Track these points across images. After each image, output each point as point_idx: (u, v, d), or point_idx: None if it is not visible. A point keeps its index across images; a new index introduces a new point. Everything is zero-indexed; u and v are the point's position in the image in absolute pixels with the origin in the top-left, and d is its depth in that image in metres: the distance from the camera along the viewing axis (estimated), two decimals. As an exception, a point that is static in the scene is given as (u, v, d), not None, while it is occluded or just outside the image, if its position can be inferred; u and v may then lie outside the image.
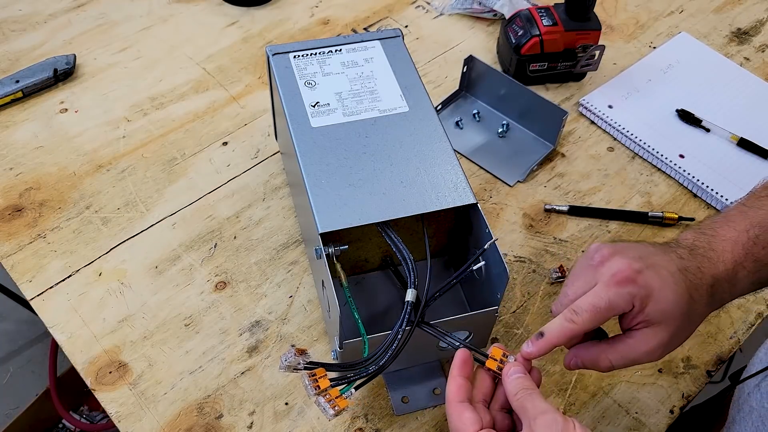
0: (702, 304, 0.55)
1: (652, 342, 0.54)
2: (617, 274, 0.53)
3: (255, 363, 0.71)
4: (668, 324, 0.53)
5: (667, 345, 0.54)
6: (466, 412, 0.51)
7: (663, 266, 0.54)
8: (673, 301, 0.53)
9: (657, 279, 0.53)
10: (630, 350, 0.54)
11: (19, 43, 1.00)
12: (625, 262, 0.53)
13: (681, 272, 0.54)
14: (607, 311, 0.53)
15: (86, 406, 1.43)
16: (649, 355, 0.54)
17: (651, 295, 0.53)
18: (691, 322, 0.55)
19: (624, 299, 0.53)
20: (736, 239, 0.56)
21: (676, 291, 0.53)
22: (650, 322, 0.53)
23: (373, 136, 0.69)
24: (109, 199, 0.83)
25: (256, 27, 1.04)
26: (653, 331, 0.53)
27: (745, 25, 1.09)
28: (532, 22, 0.93)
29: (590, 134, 0.93)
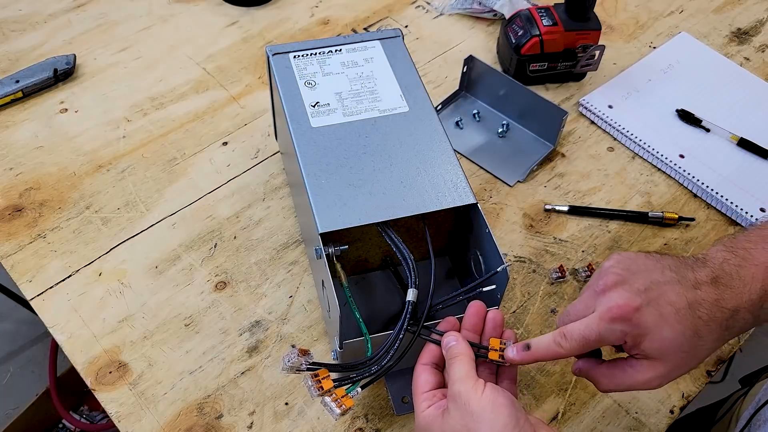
0: (710, 340, 0.52)
1: (648, 374, 0.53)
2: (612, 309, 0.52)
3: (255, 363, 0.71)
4: (666, 360, 0.52)
5: (666, 377, 0.53)
6: (423, 374, 0.56)
7: (669, 302, 0.52)
8: (671, 339, 0.51)
9: (656, 317, 0.51)
10: (627, 378, 0.54)
11: (19, 43, 1.00)
12: (625, 296, 0.52)
13: (690, 308, 0.51)
14: (597, 343, 0.53)
15: (86, 406, 1.43)
16: (646, 384, 0.53)
17: (646, 334, 0.51)
18: (693, 357, 0.53)
19: (615, 335, 0.52)
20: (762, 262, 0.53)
21: (677, 330, 0.51)
22: (646, 356, 0.53)
23: (373, 136, 0.69)
24: (109, 199, 0.83)
25: (256, 27, 1.04)
26: (651, 364, 0.53)
27: (745, 25, 1.09)
28: (532, 22, 0.93)
29: (590, 134, 0.93)
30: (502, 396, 0.51)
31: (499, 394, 0.51)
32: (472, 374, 0.53)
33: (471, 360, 0.54)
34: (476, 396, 0.51)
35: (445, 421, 0.52)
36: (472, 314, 0.59)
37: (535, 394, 0.70)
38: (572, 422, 0.69)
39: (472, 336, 0.58)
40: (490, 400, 0.50)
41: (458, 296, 0.62)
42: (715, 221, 0.85)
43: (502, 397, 0.51)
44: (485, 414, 0.50)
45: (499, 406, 0.50)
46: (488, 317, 0.59)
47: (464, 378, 0.52)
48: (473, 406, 0.50)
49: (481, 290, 0.62)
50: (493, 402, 0.50)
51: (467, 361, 0.54)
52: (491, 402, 0.50)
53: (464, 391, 0.51)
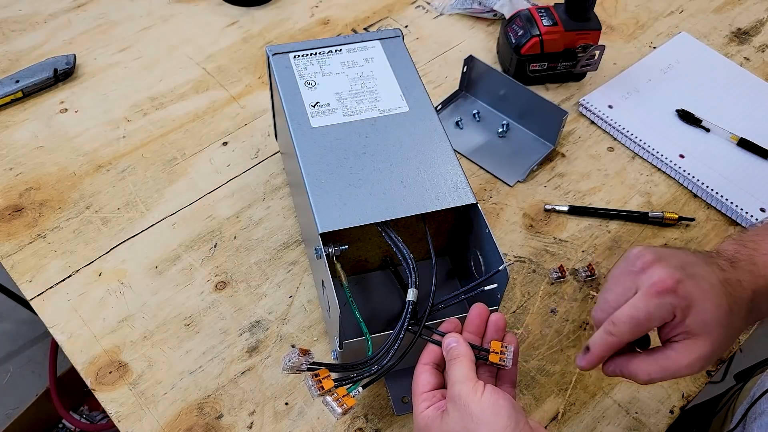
0: (741, 318, 0.53)
1: (693, 354, 0.52)
2: (658, 284, 0.52)
3: (255, 363, 0.71)
4: (709, 336, 0.52)
5: (708, 358, 0.52)
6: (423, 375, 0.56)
7: (704, 277, 0.53)
8: (714, 312, 0.51)
9: (698, 290, 0.52)
10: (670, 363, 0.53)
11: (19, 43, 1.00)
12: (667, 271, 0.52)
13: (722, 284, 0.53)
14: (647, 322, 0.52)
15: (86, 406, 1.43)
16: (690, 368, 0.53)
17: (692, 306, 0.51)
18: (730, 335, 0.53)
19: (665, 310, 0.52)
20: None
21: (717, 303, 0.52)
22: (690, 334, 0.52)
23: (373, 136, 0.69)
24: (109, 199, 0.83)
25: (256, 27, 1.04)
26: (694, 344, 0.52)
27: (745, 25, 1.09)
28: (532, 22, 0.93)
29: (590, 134, 0.93)
30: (502, 398, 0.51)
31: (499, 396, 0.51)
32: (472, 376, 0.53)
33: (471, 362, 0.54)
34: (476, 398, 0.51)
35: (444, 422, 0.52)
36: (474, 316, 0.59)
37: (535, 394, 0.70)
38: (572, 422, 0.69)
39: (473, 338, 0.58)
40: (490, 402, 0.50)
41: (459, 296, 0.62)
42: (715, 221, 0.85)
43: (502, 399, 0.50)
44: (485, 416, 0.50)
45: (498, 408, 0.50)
46: (490, 320, 0.59)
47: (464, 379, 0.52)
48: (473, 408, 0.50)
49: (482, 290, 0.62)
50: (493, 404, 0.50)
51: (467, 362, 0.54)
52: (491, 404, 0.50)
53: (464, 393, 0.51)
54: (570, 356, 0.72)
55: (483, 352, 0.57)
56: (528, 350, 0.73)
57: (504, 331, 0.59)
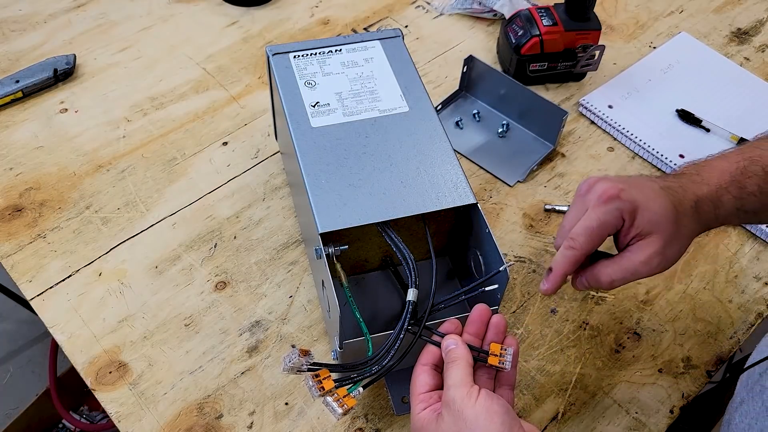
0: (688, 218, 0.58)
1: (647, 251, 0.57)
2: (602, 194, 0.57)
3: (255, 363, 0.71)
4: (659, 232, 0.57)
5: (662, 254, 0.57)
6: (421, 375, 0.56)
7: (645, 185, 0.58)
8: (659, 211, 0.56)
9: (641, 194, 0.57)
10: (626, 261, 0.57)
11: (19, 43, 1.00)
12: (609, 183, 0.58)
13: (663, 189, 0.58)
14: (600, 229, 0.57)
15: (86, 406, 1.43)
16: (645, 264, 0.57)
17: (637, 207, 0.57)
18: (680, 234, 0.57)
19: (613, 215, 0.57)
20: (725, 168, 0.60)
21: (661, 203, 0.57)
22: (642, 234, 0.57)
23: (373, 136, 0.69)
24: (109, 199, 0.83)
25: (256, 27, 1.04)
26: (646, 242, 0.57)
27: (745, 25, 1.09)
28: (532, 22, 0.93)
29: (590, 134, 0.93)
30: (496, 403, 0.51)
31: (493, 402, 0.51)
32: (468, 380, 0.53)
33: (468, 365, 0.54)
34: (470, 403, 0.51)
35: (439, 425, 0.52)
36: (475, 318, 0.59)
37: (535, 394, 0.70)
38: (572, 422, 0.69)
39: (473, 340, 0.58)
40: (484, 408, 0.50)
41: (459, 296, 0.62)
42: (715, 221, 0.85)
43: (496, 404, 0.51)
44: (478, 421, 0.50)
45: (492, 414, 0.50)
46: (491, 322, 0.59)
47: (459, 384, 0.52)
48: (467, 413, 0.50)
49: (483, 290, 0.62)
50: (487, 409, 0.50)
51: (464, 366, 0.54)
52: (485, 409, 0.50)
53: (459, 398, 0.51)
54: (570, 356, 0.72)
55: (482, 354, 0.57)
56: (528, 350, 0.73)
57: (504, 333, 0.59)
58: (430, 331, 0.59)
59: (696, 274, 0.80)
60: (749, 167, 0.60)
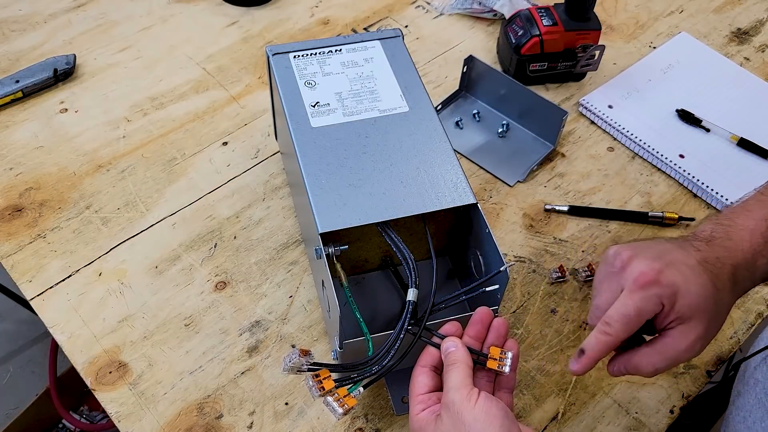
0: (726, 292, 0.55)
1: (690, 337, 0.54)
2: (640, 278, 0.53)
3: (255, 363, 0.71)
4: (700, 317, 0.53)
5: (705, 337, 0.54)
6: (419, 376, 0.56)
7: (682, 261, 0.54)
8: (700, 293, 0.53)
9: (679, 275, 0.53)
10: (670, 350, 0.54)
11: (19, 43, 1.00)
12: (646, 263, 0.54)
13: (701, 264, 0.54)
14: (638, 317, 0.53)
15: (86, 406, 1.43)
16: (689, 351, 0.54)
17: (677, 292, 0.53)
18: (720, 311, 0.55)
19: (652, 302, 0.53)
20: (754, 228, 0.56)
21: (700, 283, 0.53)
22: (682, 319, 0.54)
23: (373, 136, 0.69)
24: (109, 199, 0.83)
25: (256, 27, 1.04)
26: (688, 327, 0.54)
27: (745, 25, 1.09)
28: (532, 22, 0.93)
29: (590, 134, 0.93)
30: (495, 407, 0.51)
31: (492, 405, 0.51)
32: (468, 383, 0.53)
33: (468, 368, 0.54)
34: (469, 406, 0.51)
35: (438, 427, 0.52)
36: (476, 321, 0.59)
37: (535, 394, 0.70)
38: (572, 422, 0.69)
39: (473, 342, 0.58)
40: (483, 411, 0.50)
41: (459, 296, 0.62)
42: (715, 221, 0.85)
43: (495, 407, 0.51)
44: (477, 424, 0.50)
45: (491, 417, 0.50)
46: (492, 325, 0.59)
47: (459, 387, 0.52)
48: (465, 416, 0.50)
49: (483, 290, 0.62)
50: (486, 413, 0.50)
51: (464, 368, 0.54)
52: (484, 412, 0.50)
53: (458, 401, 0.51)
54: (570, 356, 0.72)
55: (482, 357, 0.57)
56: (528, 350, 0.73)
57: (505, 337, 0.59)
58: (431, 332, 0.59)
59: (696, 274, 0.80)
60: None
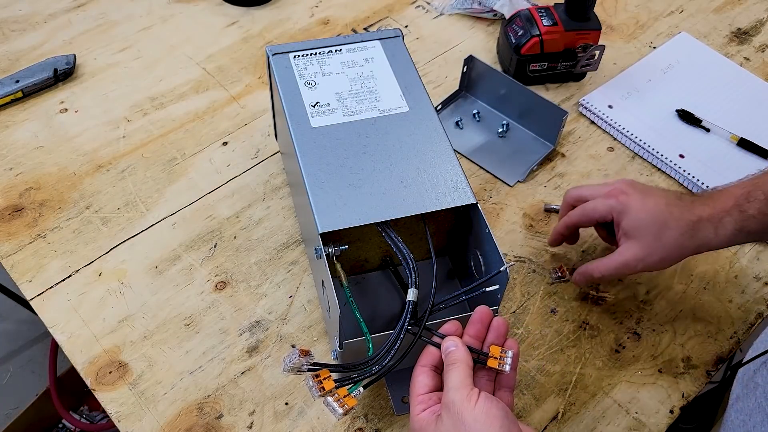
0: (678, 233, 0.65)
1: (628, 253, 0.67)
2: (609, 192, 0.69)
3: (255, 363, 0.71)
4: (640, 239, 0.66)
5: (642, 259, 0.66)
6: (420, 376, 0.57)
7: (653, 197, 0.67)
8: (645, 219, 0.65)
9: (639, 202, 0.66)
10: (612, 260, 0.68)
11: (19, 43, 1.00)
12: (621, 185, 0.68)
13: (667, 205, 0.66)
14: (591, 211, 0.70)
15: (86, 406, 1.43)
16: (626, 265, 0.67)
17: (627, 211, 0.66)
18: (663, 244, 0.65)
19: (604, 207, 0.68)
20: (732, 193, 0.65)
21: (652, 214, 0.65)
22: (627, 236, 0.67)
23: (373, 136, 0.69)
24: (109, 199, 0.83)
25: (256, 27, 1.04)
26: (629, 244, 0.67)
27: (745, 25, 1.09)
28: (532, 22, 0.93)
29: (590, 134, 0.93)
30: (495, 407, 0.51)
31: (492, 405, 0.51)
32: (468, 383, 0.53)
33: (468, 367, 0.54)
34: (469, 406, 0.51)
35: (438, 428, 0.52)
36: (476, 320, 0.59)
37: (535, 394, 0.70)
38: (572, 422, 0.69)
39: (473, 342, 0.58)
40: (483, 411, 0.50)
41: (460, 296, 0.62)
42: (715, 221, 0.85)
43: (495, 408, 0.51)
44: (477, 425, 0.50)
45: (492, 418, 0.50)
46: (492, 325, 0.59)
47: (459, 387, 0.52)
48: (465, 417, 0.50)
49: (484, 290, 0.62)
50: (486, 413, 0.50)
51: (464, 368, 0.54)
52: (484, 413, 0.50)
53: (458, 401, 0.51)
54: (570, 356, 0.72)
55: (482, 356, 0.57)
56: (528, 350, 0.73)
57: (505, 336, 0.59)
58: (431, 332, 0.59)
59: (696, 274, 0.80)
60: (753, 192, 0.64)
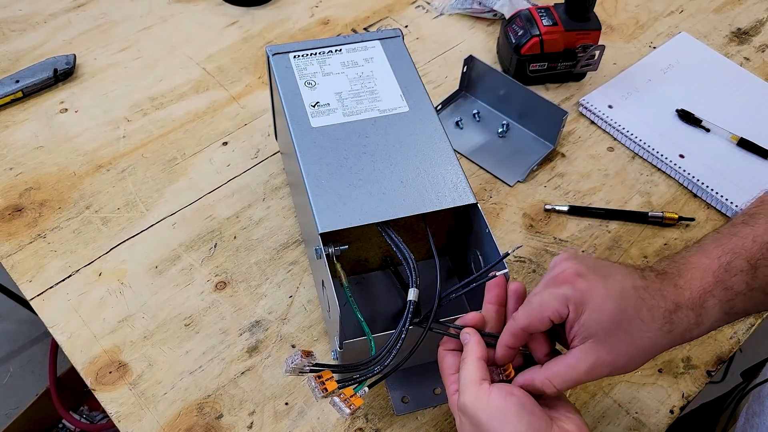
0: (653, 328, 0.50)
1: (589, 359, 0.50)
2: (558, 276, 0.51)
3: (255, 363, 0.71)
4: (604, 339, 0.49)
5: (608, 365, 0.50)
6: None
7: (615, 279, 0.51)
8: (612, 313, 0.49)
9: (601, 288, 0.50)
10: (567, 369, 0.50)
11: (19, 43, 1.00)
12: (571, 265, 0.51)
13: (634, 289, 0.50)
14: (539, 309, 0.51)
15: (86, 406, 1.43)
16: (586, 374, 0.50)
17: (588, 302, 0.49)
18: (635, 343, 0.50)
19: (558, 299, 0.50)
20: (707, 267, 0.52)
21: (619, 305, 0.49)
22: (587, 336, 0.50)
23: (373, 136, 0.69)
24: (109, 199, 0.83)
25: (256, 27, 1.04)
26: (589, 347, 0.50)
27: (745, 25, 1.09)
28: (532, 22, 0.93)
29: (590, 134, 0.93)
30: (510, 402, 0.50)
31: (506, 401, 0.50)
32: (477, 378, 0.52)
33: (477, 360, 0.53)
34: (481, 406, 0.50)
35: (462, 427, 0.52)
36: (493, 285, 0.57)
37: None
38: (572, 422, 0.69)
39: (496, 309, 0.57)
40: (497, 408, 0.50)
41: (469, 284, 0.61)
42: (715, 221, 0.85)
43: (510, 404, 0.49)
44: (493, 422, 0.49)
45: (509, 415, 0.49)
46: (510, 290, 0.57)
47: (468, 385, 0.52)
48: (480, 417, 0.50)
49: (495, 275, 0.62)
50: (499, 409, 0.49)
51: (473, 361, 0.53)
52: (498, 410, 0.49)
53: (470, 403, 0.51)
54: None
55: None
56: (528, 350, 0.73)
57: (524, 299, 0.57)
58: (445, 326, 0.58)
59: (696, 274, 0.80)
60: (733, 263, 0.52)
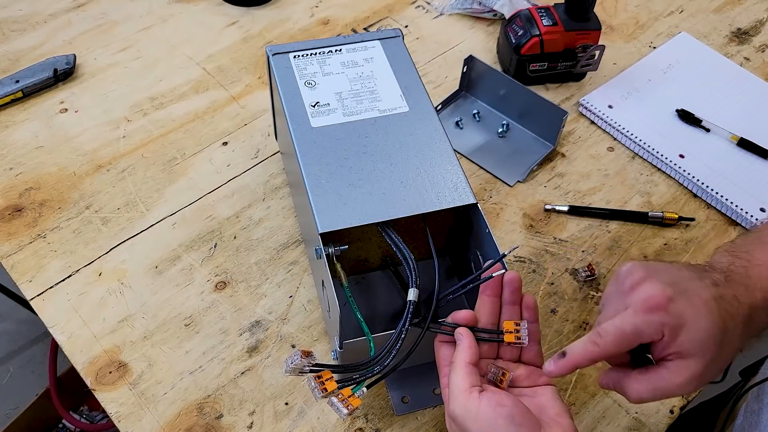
0: (737, 334, 0.51)
1: (684, 374, 0.50)
2: (648, 300, 0.50)
3: (255, 363, 0.71)
4: (702, 356, 0.50)
5: (701, 377, 0.50)
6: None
7: (697, 294, 0.50)
8: (707, 331, 0.49)
9: (690, 308, 0.49)
10: (661, 383, 0.51)
11: (19, 43, 1.00)
12: (658, 287, 0.50)
13: (716, 301, 0.50)
14: (633, 337, 0.50)
15: (86, 406, 1.43)
16: (681, 388, 0.50)
17: (683, 325, 0.49)
18: (725, 353, 0.51)
19: (653, 327, 0.49)
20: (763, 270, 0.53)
21: (711, 320, 0.49)
22: (682, 354, 0.50)
23: (373, 136, 0.69)
24: (109, 199, 0.83)
25: (256, 27, 1.04)
26: (686, 363, 0.50)
27: (745, 25, 1.09)
28: (532, 22, 0.93)
29: (590, 134, 0.93)
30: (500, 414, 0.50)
31: (496, 413, 0.50)
32: (466, 386, 0.52)
33: (467, 366, 0.53)
34: (471, 416, 0.51)
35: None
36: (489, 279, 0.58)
37: (535, 394, 0.70)
38: (572, 422, 0.69)
39: (493, 300, 0.57)
40: (486, 419, 0.50)
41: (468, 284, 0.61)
42: (715, 221, 0.85)
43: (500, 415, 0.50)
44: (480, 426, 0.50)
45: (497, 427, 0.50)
46: (505, 280, 0.57)
47: (457, 394, 0.52)
48: (470, 427, 0.50)
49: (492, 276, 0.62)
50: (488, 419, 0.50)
51: (462, 367, 0.53)
52: (487, 421, 0.50)
53: (459, 413, 0.51)
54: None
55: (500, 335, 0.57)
56: (528, 350, 0.73)
57: (520, 291, 0.58)
58: (442, 325, 0.58)
59: (696, 274, 0.80)
60: None
